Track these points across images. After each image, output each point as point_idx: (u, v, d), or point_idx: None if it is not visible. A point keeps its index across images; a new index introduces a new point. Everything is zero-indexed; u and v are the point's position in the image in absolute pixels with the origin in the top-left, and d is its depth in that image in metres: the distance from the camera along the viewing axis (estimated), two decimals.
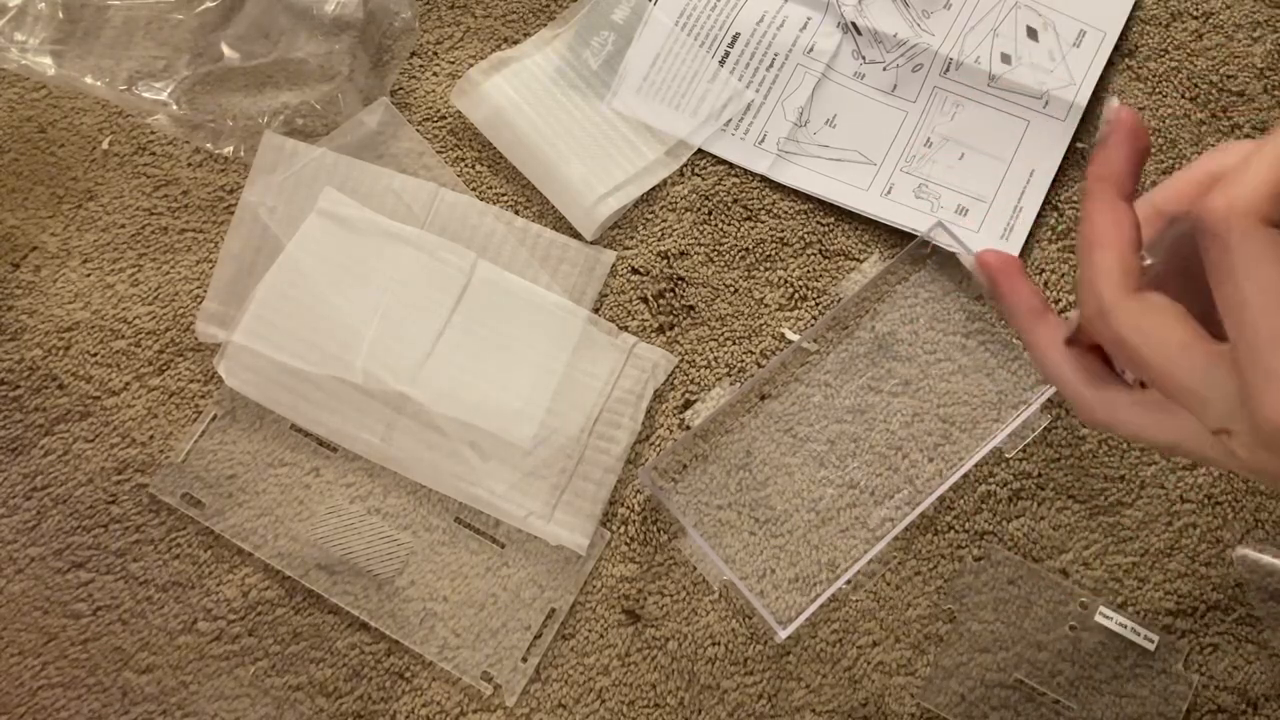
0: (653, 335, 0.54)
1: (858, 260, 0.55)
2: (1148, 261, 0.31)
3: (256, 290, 0.53)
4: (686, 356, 0.54)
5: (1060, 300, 0.54)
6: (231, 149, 0.56)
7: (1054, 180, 0.56)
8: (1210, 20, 0.59)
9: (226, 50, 0.56)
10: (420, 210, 0.55)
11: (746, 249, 0.55)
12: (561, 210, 0.55)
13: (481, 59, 0.58)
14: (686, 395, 0.53)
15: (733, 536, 0.51)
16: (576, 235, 0.55)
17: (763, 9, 0.58)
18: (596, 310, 0.54)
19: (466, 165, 0.57)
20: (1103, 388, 0.33)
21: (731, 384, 0.53)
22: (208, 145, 0.56)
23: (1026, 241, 0.55)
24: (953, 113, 0.57)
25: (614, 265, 0.55)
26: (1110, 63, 0.57)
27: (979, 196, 0.56)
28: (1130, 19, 0.58)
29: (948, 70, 0.57)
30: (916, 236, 0.54)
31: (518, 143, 0.56)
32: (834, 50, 0.57)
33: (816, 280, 0.55)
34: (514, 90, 0.57)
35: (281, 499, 0.52)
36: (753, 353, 0.54)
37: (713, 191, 0.56)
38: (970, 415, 0.52)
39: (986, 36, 0.57)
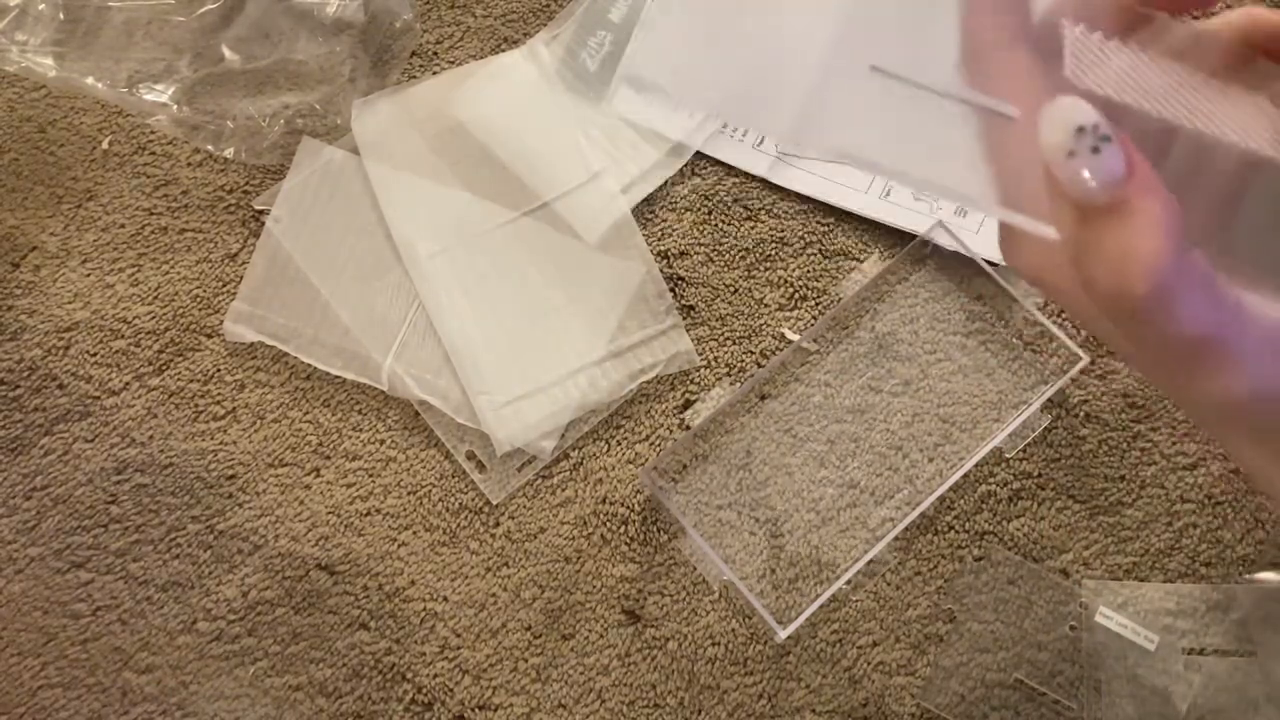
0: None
1: (858, 260, 0.55)
2: None
3: None
4: None
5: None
6: (232, 151, 0.56)
7: None
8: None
9: (227, 52, 0.56)
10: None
11: (746, 249, 0.55)
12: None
13: (481, 58, 0.58)
14: (686, 395, 0.53)
15: (733, 536, 0.51)
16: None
17: None
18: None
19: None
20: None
21: (731, 384, 0.53)
22: (208, 147, 0.56)
23: None
24: None
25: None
26: None
27: None
28: None
29: None
30: (917, 236, 0.54)
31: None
32: None
33: (816, 280, 0.55)
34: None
35: (281, 499, 0.52)
36: (753, 353, 0.54)
37: (712, 191, 0.56)
38: (970, 415, 0.52)
39: None
